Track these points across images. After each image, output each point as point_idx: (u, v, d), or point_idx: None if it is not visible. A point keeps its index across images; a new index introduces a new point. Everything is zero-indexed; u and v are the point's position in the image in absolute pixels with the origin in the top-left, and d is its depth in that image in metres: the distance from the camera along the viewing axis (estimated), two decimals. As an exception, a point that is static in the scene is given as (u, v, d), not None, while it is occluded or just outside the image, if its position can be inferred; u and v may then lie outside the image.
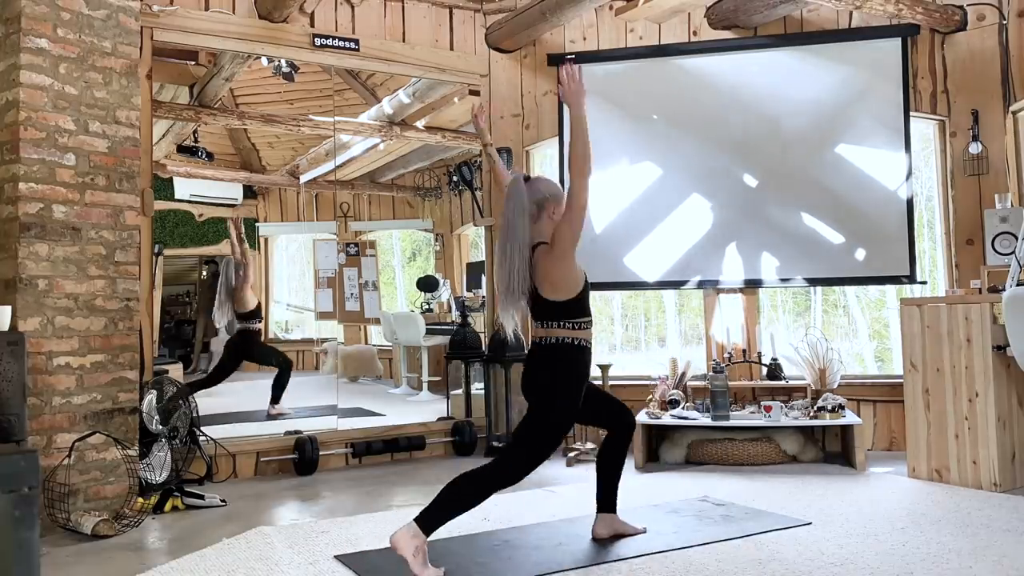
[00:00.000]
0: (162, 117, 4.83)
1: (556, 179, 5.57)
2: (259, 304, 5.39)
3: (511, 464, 2.93)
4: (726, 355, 5.14)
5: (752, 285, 5.29)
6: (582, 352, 2.99)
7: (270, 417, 5.22)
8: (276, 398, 5.30)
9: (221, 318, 5.25)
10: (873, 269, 5.15)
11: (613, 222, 5.47)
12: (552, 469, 4.82)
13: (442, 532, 3.34)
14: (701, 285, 5.38)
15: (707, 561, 2.98)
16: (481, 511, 3.75)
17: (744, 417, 4.80)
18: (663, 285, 5.59)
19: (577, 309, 3.00)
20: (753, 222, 5.27)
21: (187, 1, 4.68)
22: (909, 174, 5.10)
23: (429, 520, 2.82)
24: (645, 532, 3.34)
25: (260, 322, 5.42)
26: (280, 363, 5.40)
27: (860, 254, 5.14)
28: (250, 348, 5.38)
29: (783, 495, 3.96)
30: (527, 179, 3.07)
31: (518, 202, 2.94)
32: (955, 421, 4.14)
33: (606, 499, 3.34)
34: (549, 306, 2.99)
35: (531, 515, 3.69)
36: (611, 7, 5.47)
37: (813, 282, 5.34)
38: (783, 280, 5.29)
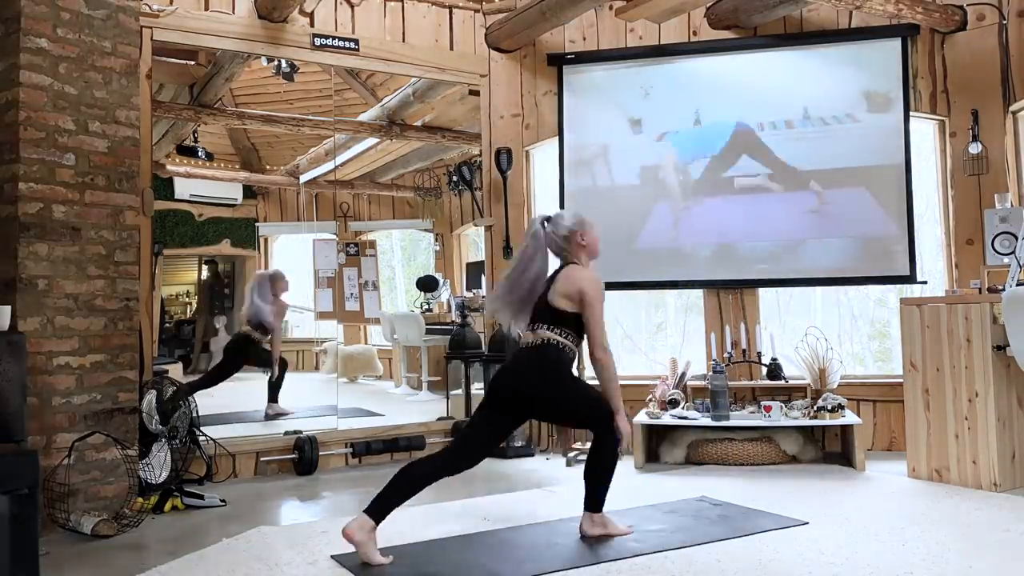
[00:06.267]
0: (162, 117, 4.84)
1: (555, 178, 5.61)
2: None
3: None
4: (726, 355, 5.14)
5: (752, 285, 5.29)
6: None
7: (268, 417, 5.23)
8: (273, 397, 5.32)
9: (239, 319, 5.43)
10: (873, 269, 5.15)
11: (614, 222, 5.46)
12: (552, 469, 4.82)
13: (441, 532, 3.35)
14: (702, 285, 5.39)
15: (706, 561, 2.97)
16: (481, 511, 3.76)
17: (744, 417, 4.80)
18: (665, 285, 5.60)
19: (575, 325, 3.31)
20: (753, 222, 5.27)
21: (187, 1, 4.68)
22: (909, 174, 5.10)
23: (379, 509, 3.05)
24: (631, 532, 3.33)
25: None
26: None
27: (860, 254, 5.14)
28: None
29: (783, 495, 3.95)
30: (548, 219, 3.40)
31: (538, 245, 3.36)
32: (955, 421, 4.14)
33: (587, 498, 3.38)
34: (552, 312, 3.29)
35: (530, 515, 3.69)
36: (611, 7, 5.47)
37: (814, 282, 5.35)
38: (783, 280, 5.30)
